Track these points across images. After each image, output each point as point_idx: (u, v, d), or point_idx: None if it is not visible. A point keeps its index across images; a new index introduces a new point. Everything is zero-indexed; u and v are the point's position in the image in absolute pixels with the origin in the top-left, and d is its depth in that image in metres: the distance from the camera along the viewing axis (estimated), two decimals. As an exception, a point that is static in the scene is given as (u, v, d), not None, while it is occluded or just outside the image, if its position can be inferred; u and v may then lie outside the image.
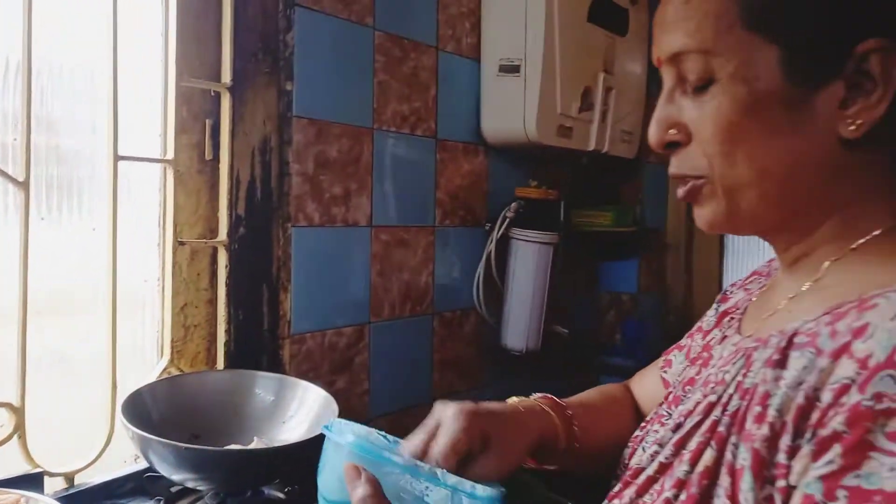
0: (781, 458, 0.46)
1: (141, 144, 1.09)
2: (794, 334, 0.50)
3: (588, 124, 1.66)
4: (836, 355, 0.45)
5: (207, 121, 1.17)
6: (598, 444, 0.74)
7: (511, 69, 1.54)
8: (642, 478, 0.59)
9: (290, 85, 1.21)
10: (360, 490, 0.56)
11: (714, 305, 0.76)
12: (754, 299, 0.67)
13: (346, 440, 0.60)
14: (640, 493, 0.58)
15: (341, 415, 0.91)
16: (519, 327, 1.65)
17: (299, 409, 1.06)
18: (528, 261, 1.64)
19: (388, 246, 1.42)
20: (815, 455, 0.43)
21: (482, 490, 0.58)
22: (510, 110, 1.55)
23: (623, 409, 0.83)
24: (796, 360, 0.48)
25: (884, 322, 0.44)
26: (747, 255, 1.99)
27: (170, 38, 1.09)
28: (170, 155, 1.10)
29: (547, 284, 1.67)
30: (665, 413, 0.65)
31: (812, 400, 0.45)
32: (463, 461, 0.60)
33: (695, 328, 0.78)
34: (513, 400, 0.74)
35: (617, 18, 1.71)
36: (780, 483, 0.45)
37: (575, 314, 1.97)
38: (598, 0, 1.64)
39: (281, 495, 1.02)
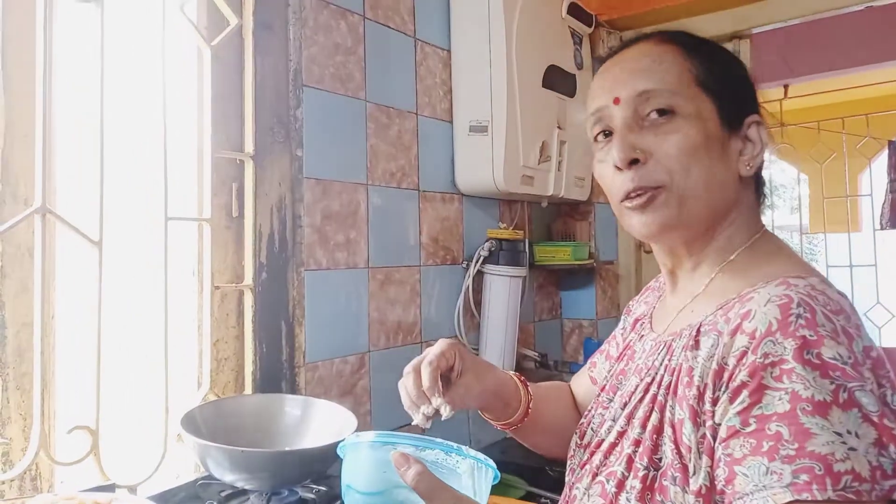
0: (707, 406, 0.67)
1: (177, 206, 1.30)
2: (700, 325, 0.73)
3: (546, 173, 1.93)
4: (733, 333, 0.67)
5: (234, 184, 1.39)
6: (543, 419, 0.96)
7: (480, 129, 1.80)
8: (605, 445, 0.79)
9: (300, 152, 1.44)
10: (413, 470, 0.67)
11: (623, 317, 1.02)
12: (657, 306, 0.92)
13: (369, 438, 0.71)
14: (606, 455, 0.78)
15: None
16: (495, 351, 1.88)
17: (323, 424, 1.26)
18: (501, 293, 1.87)
19: (383, 284, 1.64)
20: (731, 399, 0.65)
21: (490, 461, 0.75)
22: (480, 164, 1.80)
23: (565, 398, 1.06)
24: (705, 342, 0.70)
25: (760, 307, 0.66)
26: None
27: (204, 118, 1.32)
28: (206, 214, 1.31)
29: (518, 313, 1.91)
30: (605, 399, 0.87)
31: (722, 365, 0.67)
32: (445, 383, 0.82)
33: (610, 336, 1.03)
34: None
35: (566, 83, 2.00)
36: (709, 423, 0.67)
37: (542, 339, 2.21)
38: (550, 68, 1.93)
39: (311, 495, 1.21)
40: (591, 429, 0.85)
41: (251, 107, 1.38)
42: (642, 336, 0.89)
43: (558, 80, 1.96)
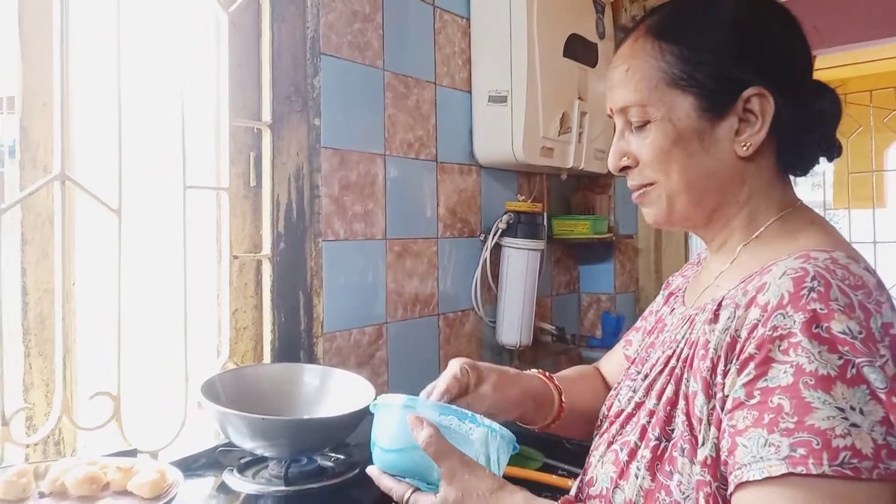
0: (719, 379, 0.67)
1: (195, 175, 1.30)
2: (722, 300, 0.72)
3: (566, 145, 1.90)
4: (748, 306, 0.67)
5: (251, 153, 1.38)
6: (578, 408, 0.96)
7: (499, 99, 1.78)
8: (623, 416, 0.80)
9: (317, 121, 1.43)
10: (425, 432, 0.74)
11: (661, 292, 1.01)
12: (691, 281, 0.91)
13: (398, 401, 0.77)
14: (623, 425, 0.79)
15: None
16: (512, 325, 1.87)
17: (341, 393, 1.27)
18: (519, 266, 1.86)
19: (400, 256, 1.63)
20: (739, 371, 0.65)
21: (505, 430, 0.78)
22: (499, 135, 1.78)
23: (594, 382, 1.05)
24: (723, 315, 0.70)
25: (775, 280, 0.66)
26: (709, 255, 2.25)
27: (221, 86, 1.30)
28: (224, 183, 1.31)
29: (535, 287, 1.90)
30: (633, 372, 0.87)
31: (735, 337, 0.66)
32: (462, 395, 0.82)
33: (646, 312, 1.02)
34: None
35: (588, 52, 1.96)
36: (719, 395, 0.67)
37: (560, 313, 2.20)
38: (571, 37, 1.89)
39: (330, 463, 1.22)
40: (618, 400, 0.85)
41: (268, 75, 1.37)
42: (673, 310, 0.89)
43: (580, 50, 1.92)
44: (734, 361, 0.66)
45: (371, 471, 0.79)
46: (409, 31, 1.65)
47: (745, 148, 0.74)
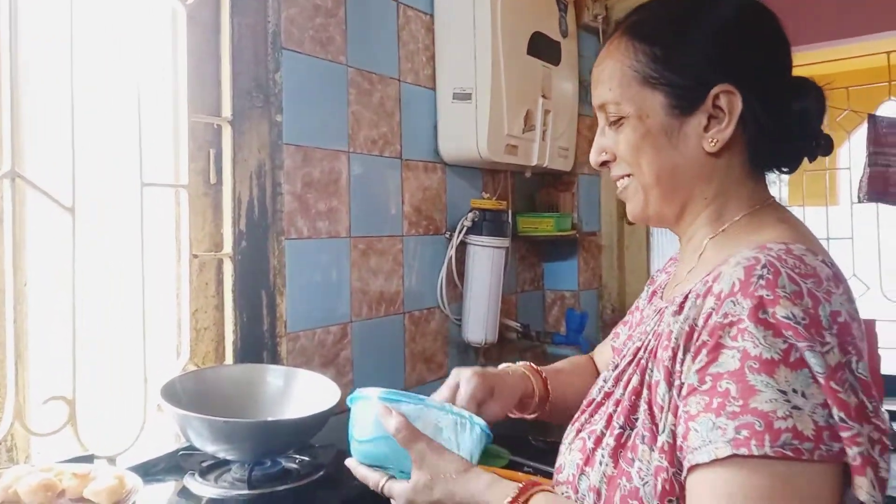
0: (678, 367, 0.69)
1: (153, 172, 1.26)
2: (689, 292, 0.73)
3: (531, 143, 1.90)
4: (705, 295, 0.69)
5: (211, 150, 1.35)
6: (566, 398, 1.00)
7: (463, 97, 1.78)
8: (593, 405, 0.82)
9: (279, 117, 1.41)
10: (394, 420, 0.79)
11: (646, 287, 1.03)
12: (672, 276, 0.93)
13: (374, 393, 0.81)
14: (592, 414, 0.81)
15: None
16: (478, 323, 1.87)
17: (305, 394, 1.25)
18: (484, 264, 1.86)
19: (365, 254, 1.62)
20: (693, 358, 0.67)
21: (477, 419, 0.83)
22: (464, 132, 1.77)
23: (585, 371, 1.09)
24: (687, 307, 0.71)
25: (728, 269, 0.68)
26: (670, 251, 2.28)
27: (179, 81, 1.27)
28: (183, 180, 1.28)
29: (501, 284, 1.90)
30: (613, 364, 0.88)
31: (693, 327, 0.69)
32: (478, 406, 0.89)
33: (633, 307, 1.04)
34: (503, 365, 1.02)
35: (551, 50, 1.97)
36: (677, 383, 0.69)
37: (525, 310, 2.21)
38: (535, 35, 1.89)
39: (295, 465, 1.20)
40: (593, 390, 0.88)
41: (228, 70, 1.34)
42: (652, 304, 0.92)
43: (543, 48, 1.93)
44: (691, 349, 0.68)
45: (349, 462, 0.84)
46: (373, 27, 1.64)
47: (712, 143, 0.76)
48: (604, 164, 0.84)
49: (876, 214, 3.08)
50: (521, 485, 0.77)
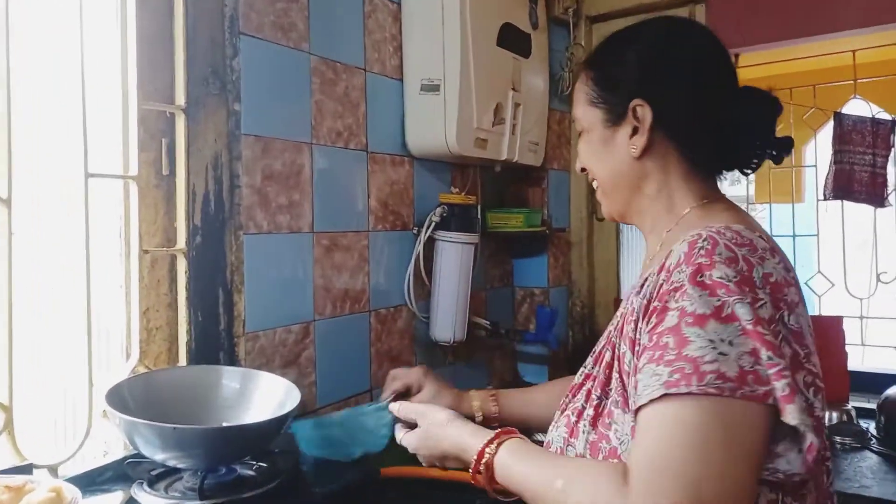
0: (638, 336, 0.80)
1: (100, 162, 1.19)
2: (648, 275, 0.85)
3: (500, 136, 1.86)
4: (658, 272, 0.81)
5: (164, 140, 1.28)
6: (526, 414, 1.21)
7: (431, 88, 1.72)
8: (575, 387, 0.94)
9: (237, 106, 1.34)
10: (394, 404, 1.12)
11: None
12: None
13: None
14: (574, 394, 0.93)
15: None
16: (446, 321, 1.82)
17: (264, 397, 1.19)
18: (453, 260, 1.81)
19: (329, 250, 1.56)
20: (646, 323, 0.78)
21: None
22: (432, 125, 1.72)
23: (559, 385, 1.19)
24: (646, 285, 0.83)
25: (677, 246, 0.79)
26: (640, 247, 2.27)
27: (129, 65, 1.20)
28: (133, 171, 1.20)
29: (469, 281, 1.85)
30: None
31: (650, 299, 0.80)
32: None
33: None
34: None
35: (521, 43, 1.93)
36: (637, 348, 0.79)
37: (494, 307, 2.17)
38: (504, 26, 1.85)
39: (251, 472, 1.14)
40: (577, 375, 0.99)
41: (182, 55, 1.26)
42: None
43: (513, 40, 1.88)
44: (646, 318, 0.79)
45: (393, 406, 1.11)
46: (337, 14, 1.58)
47: (633, 149, 0.91)
48: (583, 170, 1.00)
49: (841, 212, 3.10)
50: (497, 430, 0.90)
